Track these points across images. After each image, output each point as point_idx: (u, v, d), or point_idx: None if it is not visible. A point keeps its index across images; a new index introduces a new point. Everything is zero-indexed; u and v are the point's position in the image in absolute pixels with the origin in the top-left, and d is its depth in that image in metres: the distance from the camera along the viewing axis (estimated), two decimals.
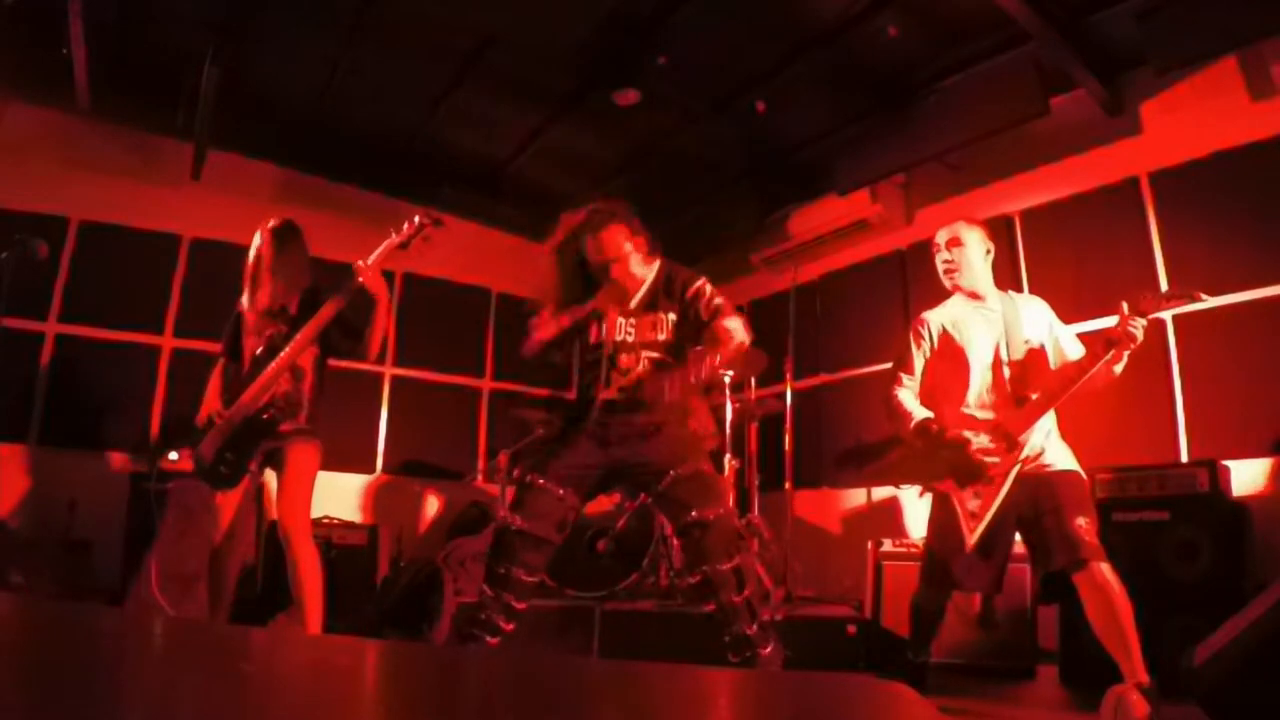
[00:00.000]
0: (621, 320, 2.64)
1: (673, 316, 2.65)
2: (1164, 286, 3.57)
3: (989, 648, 3.36)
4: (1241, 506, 3.08)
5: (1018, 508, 2.51)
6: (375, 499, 5.41)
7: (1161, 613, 2.72)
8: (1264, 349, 3.35)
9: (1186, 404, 3.58)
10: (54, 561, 4.02)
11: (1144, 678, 2.21)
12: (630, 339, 2.63)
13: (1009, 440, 2.52)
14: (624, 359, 2.60)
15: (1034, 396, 2.54)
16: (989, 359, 2.66)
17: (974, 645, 3.37)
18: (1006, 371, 2.63)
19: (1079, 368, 2.48)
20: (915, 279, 4.90)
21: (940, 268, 2.83)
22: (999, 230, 4.07)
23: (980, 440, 2.55)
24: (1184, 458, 3.51)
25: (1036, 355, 2.63)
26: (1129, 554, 2.85)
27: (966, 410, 2.65)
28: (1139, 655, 2.25)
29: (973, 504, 2.54)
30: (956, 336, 2.74)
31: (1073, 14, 3.71)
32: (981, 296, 2.77)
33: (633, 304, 2.67)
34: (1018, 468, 2.51)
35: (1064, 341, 2.67)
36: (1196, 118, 3.72)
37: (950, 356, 2.73)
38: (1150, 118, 3.93)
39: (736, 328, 2.53)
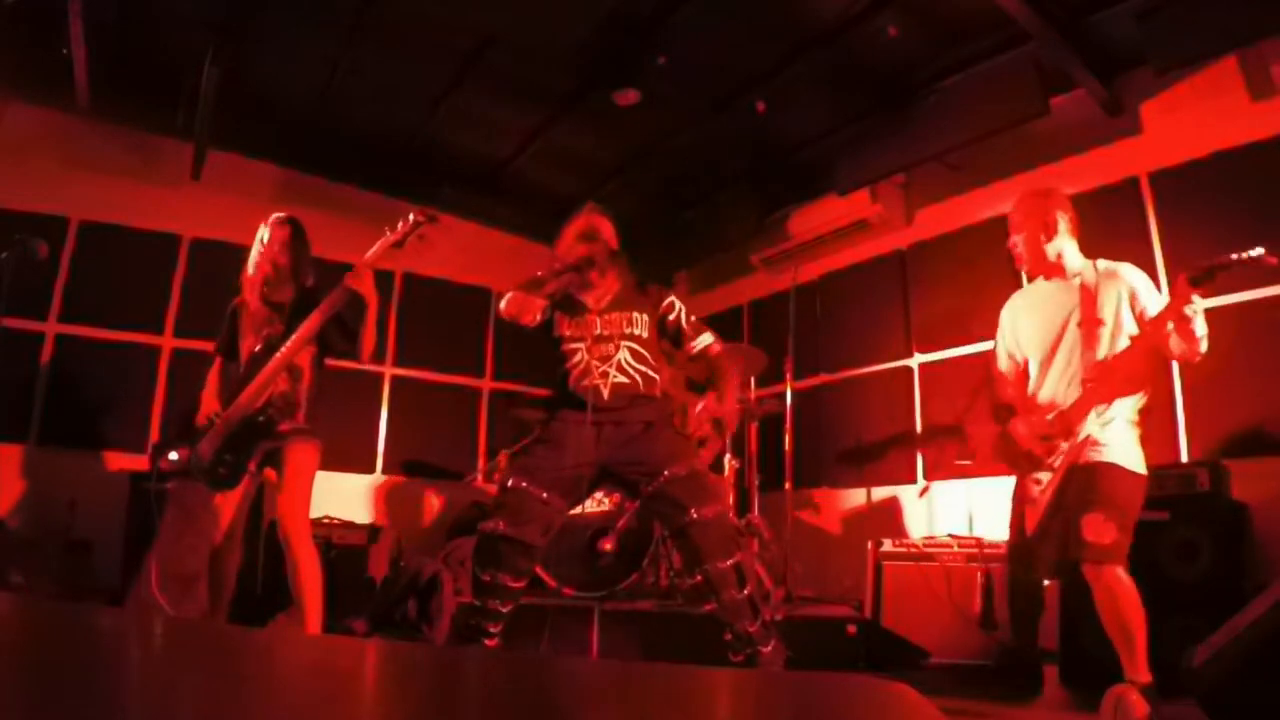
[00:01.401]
0: (595, 317, 2.69)
1: (646, 317, 2.71)
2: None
3: (989, 648, 3.36)
4: (1241, 506, 3.07)
5: (1071, 496, 2.47)
6: (375, 499, 5.42)
7: (1161, 613, 2.70)
8: (1264, 349, 3.35)
9: (1186, 404, 3.57)
10: (54, 561, 4.02)
11: (1145, 678, 2.21)
12: (607, 332, 2.67)
13: (1068, 428, 2.48)
14: (605, 348, 2.64)
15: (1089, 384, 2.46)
16: (1053, 342, 2.58)
17: (974, 645, 3.37)
18: (1073, 354, 2.53)
19: (1122, 354, 2.42)
20: (915, 279, 4.90)
21: None
22: (998, 230, 4.06)
23: (1038, 429, 2.53)
24: (1184, 458, 3.51)
25: (1108, 334, 2.48)
26: (1129, 554, 2.85)
27: (1037, 398, 2.61)
28: (1143, 656, 2.24)
29: (1036, 491, 2.55)
30: (1010, 327, 2.75)
31: (1073, 14, 3.71)
32: (1060, 274, 2.63)
33: (604, 303, 2.72)
34: (1061, 456, 2.48)
35: (1153, 314, 2.44)
36: (1196, 118, 3.72)
37: (1013, 347, 2.75)
38: (1150, 118, 3.93)
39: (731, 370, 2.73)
